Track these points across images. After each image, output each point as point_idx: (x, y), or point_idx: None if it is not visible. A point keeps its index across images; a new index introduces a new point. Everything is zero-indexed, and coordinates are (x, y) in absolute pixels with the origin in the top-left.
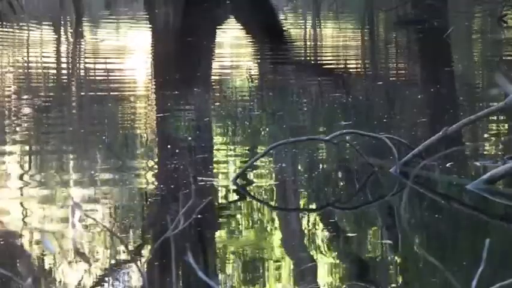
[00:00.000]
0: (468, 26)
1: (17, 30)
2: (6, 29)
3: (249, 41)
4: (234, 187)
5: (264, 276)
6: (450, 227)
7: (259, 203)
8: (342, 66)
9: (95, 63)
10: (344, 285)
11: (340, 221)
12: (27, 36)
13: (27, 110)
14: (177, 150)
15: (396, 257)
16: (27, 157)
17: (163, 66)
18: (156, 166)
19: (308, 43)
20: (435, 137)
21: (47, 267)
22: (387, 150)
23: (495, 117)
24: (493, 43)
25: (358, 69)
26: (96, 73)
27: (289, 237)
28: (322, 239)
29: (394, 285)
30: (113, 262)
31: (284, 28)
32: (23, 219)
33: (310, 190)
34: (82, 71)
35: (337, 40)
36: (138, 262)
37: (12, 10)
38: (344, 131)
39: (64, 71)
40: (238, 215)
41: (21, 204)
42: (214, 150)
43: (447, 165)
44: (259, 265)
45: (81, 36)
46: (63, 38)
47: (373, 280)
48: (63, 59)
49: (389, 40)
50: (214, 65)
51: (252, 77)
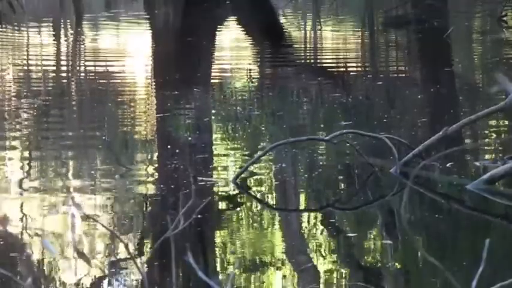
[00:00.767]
0: (468, 26)
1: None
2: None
3: (249, 42)
4: (234, 187)
5: (264, 276)
6: (450, 227)
7: (259, 203)
8: (342, 66)
9: (94, 63)
10: (344, 286)
11: (340, 221)
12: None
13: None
14: (177, 150)
15: (396, 257)
16: (28, 157)
17: (163, 66)
18: (156, 166)
19: (308, 43)
20: (435, 137)
21: (47, 267)
22: (387, 150)
23: (495, 117)
24: (493, 43)
25: (358, 70)
26: (96, 73)
27: (289, 237)
28: (322, 239)
29: (394, 285)
30: (113, 262)
31: (284, 28)
32: (23, 220)
33: (310, 190)
34: (81, 71)
35: (337, 40)
36: (138, 262)
37: (12, 10)
38: (344, 131)
39: (63, 71)
40: (238, 215)
41: (21, 204)
42: (214, 150)
43: (447, 165)
44: (259, 265)
45: (81, 36)
46: (63, 38)
47: (373, 280)
48: (63, 59)
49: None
50: (215, 65)
51: (252, 77)
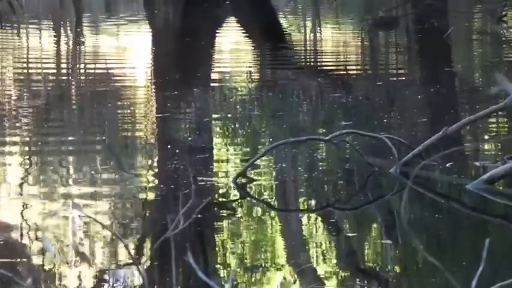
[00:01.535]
0: (468, 26)
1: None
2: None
3: (248, 42)
4: (234, 187)
5: (264, 276)
6: (450, 227)
7: (259, 203)
8: (342, 66)
9: (94, 63)
10: (344, 285)
11: (340, 221)
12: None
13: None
14: (177, 150)
15: (396, 257)
16: (28, 157)
17: (163, 67)
18: (156, 166)
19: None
20: (435, 137)
21: (47, 267)
22: (387, 150)
23: (495, 117)
24: (493, 43)
25: (358, 70)
26: (96, 73)
27: (289, 237)
28: (322, 239)
29: (394, 285)
30: (113, 262)
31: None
32: (22, 220)
33: (310, 190)
34: (81, 71)
35: (337, 40)
36: (138, 262)
37: (12, 10)
38: (344, 131)
39: (63, 71)
40: (238, 215)
41: (21, 205)
42: (214, 150)
43: (447, 165)
44: (259, 265)
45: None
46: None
47: (373, 280)
48: (63, 59)
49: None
50: (215, 65)
51: (251, 77)
